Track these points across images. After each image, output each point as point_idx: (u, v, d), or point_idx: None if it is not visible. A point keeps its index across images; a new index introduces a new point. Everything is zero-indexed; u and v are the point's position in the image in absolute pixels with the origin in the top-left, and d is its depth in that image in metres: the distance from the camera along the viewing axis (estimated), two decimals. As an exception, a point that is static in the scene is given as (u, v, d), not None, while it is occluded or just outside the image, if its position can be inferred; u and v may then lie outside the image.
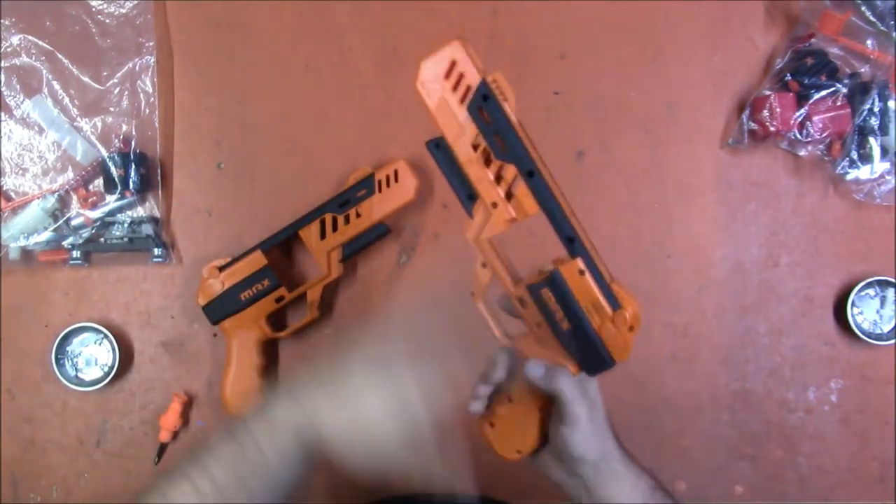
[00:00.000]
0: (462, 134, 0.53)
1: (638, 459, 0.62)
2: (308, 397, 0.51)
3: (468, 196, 0.56)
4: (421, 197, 0.86)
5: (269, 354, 0.86)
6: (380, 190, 0.82)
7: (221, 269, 0.83)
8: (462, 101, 0.52)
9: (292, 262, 0.89)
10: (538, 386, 0.59)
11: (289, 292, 0.83)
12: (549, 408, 0.61)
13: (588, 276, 0.55)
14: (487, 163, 0.54)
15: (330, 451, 0.50)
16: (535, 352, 0.59)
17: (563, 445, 0.58)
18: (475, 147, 0.53)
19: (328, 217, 0.82)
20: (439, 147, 0.55)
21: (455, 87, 0.52)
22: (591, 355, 0.57)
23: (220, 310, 0.83)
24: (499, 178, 0.54)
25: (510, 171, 0.54)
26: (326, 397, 0.51)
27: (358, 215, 0.82)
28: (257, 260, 0.82)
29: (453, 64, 0.51)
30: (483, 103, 0.52)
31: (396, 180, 0.82)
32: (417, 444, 0.51)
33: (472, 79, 0.52)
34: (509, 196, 0.55)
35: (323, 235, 0.82)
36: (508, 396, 0.63)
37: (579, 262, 0.55)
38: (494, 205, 0.55)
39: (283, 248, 0.88)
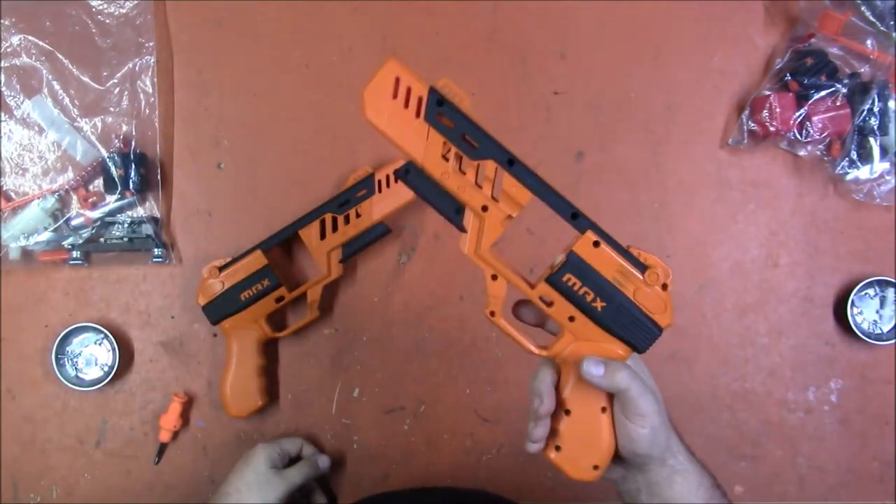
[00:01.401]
0: (428, 148, 0.51)
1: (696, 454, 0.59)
2: None
3: (455, 211, 0.54)
4: (421, 197, 0.86)
5: (269, 354, 0.86)
6: (380, 190, 0.82)
7: (221, 269, 0.83)
8: (418, 114, 0.51)
9: (292, 262, 0.89)
10: (598, 385, 0.54)
11: (289, 292, 0.83)
12: (612, 406, 0.56)
13: (604, 245, 0.53)
14: (462, 170, 0.52)
15: None
16: (578, 349, 0.55)
17: (631, 444, 0.54)
18: (445, 158, 0.52)
19: (328, 217, 0.82)
20: (409, 172, 0.53)
21: (406, 104, 0.50)
22: (635, 328, 0.54)
23: (219, 310, 0.83)
24: (477, 183, 0.53)
25: (489, 167, 0.52)
26: None
27: (358, 215, 0.82)
28: (257, 260, 0.82)
29: (397, 81, 0.50)
30: (440, 109, 0.50)
31: (396, 180, 0.82)
32: None
33: (421, 89, 0.50)
34: (495, 196, 0.53)
35: (323, 235, 0.82)
36: (565, 409, 0.57)
37: (590, 234, 0.53)
38: (485, 208, 0.53)
39: (283, 248, 0.88)
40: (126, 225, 0.86)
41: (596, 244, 0.53)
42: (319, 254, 0.83)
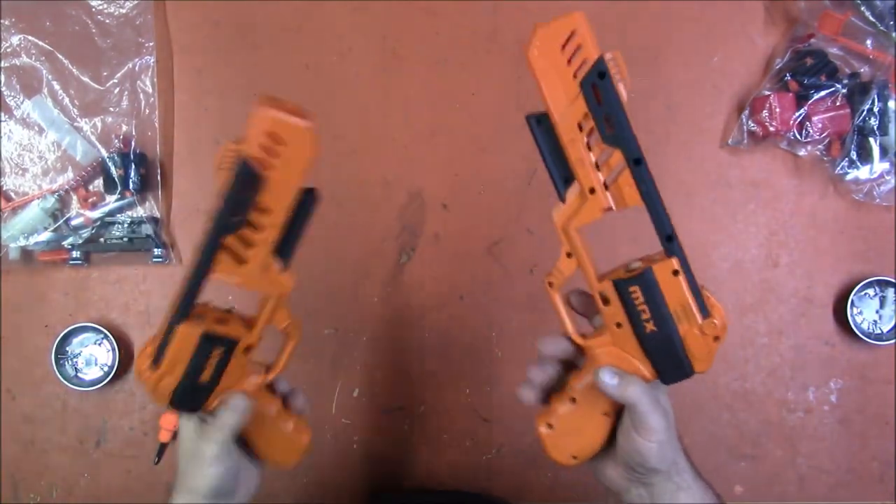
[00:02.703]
0: (569, 110, 0.50)
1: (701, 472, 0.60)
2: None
3: (563, 179, 0.53)
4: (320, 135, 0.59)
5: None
6: (268, 167, 0.55)
7: (155, 360, 0.55)
8: (576, 75, 0.49)
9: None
10: (611, 395, 0.55)
11: (252, 336, 0.58)
12: (615, 413, 0.57)
13: (682, 277, 0.53)
14: (589, 146, 0.51)
15: None
16: (609, 354, 0.55)
17: (637, 456, 0.55)
18: (580, 127, 0.50)
19: (229, 240, 0.55)
20: (540, 123, 0.52)
21: (570, 60, 0.49)
22: (671, 362, 0.54)
23: (191, 400, 0.58)
24: (597, 165, 0.52)
25: (615, 157, 0.51)
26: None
27: (263, 211, 0.54)
28: (188, 336, 0.55)
29: (571, 34, 0.48)
30: (598, 80, 0.48)
31: (284, 142, 0.55)
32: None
33: (591, 53, 0.48)
34: (607, 184, 0.52)
35: (241, 261, 0.55)
36: (572, 397, 0.57)
37: (675, 261, 0.53)
38: (592, 190, 0.52)
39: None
40: (126, 225, 0.86)
41: (675, 273, 0.53)
42: (253, 281, 0.56)
